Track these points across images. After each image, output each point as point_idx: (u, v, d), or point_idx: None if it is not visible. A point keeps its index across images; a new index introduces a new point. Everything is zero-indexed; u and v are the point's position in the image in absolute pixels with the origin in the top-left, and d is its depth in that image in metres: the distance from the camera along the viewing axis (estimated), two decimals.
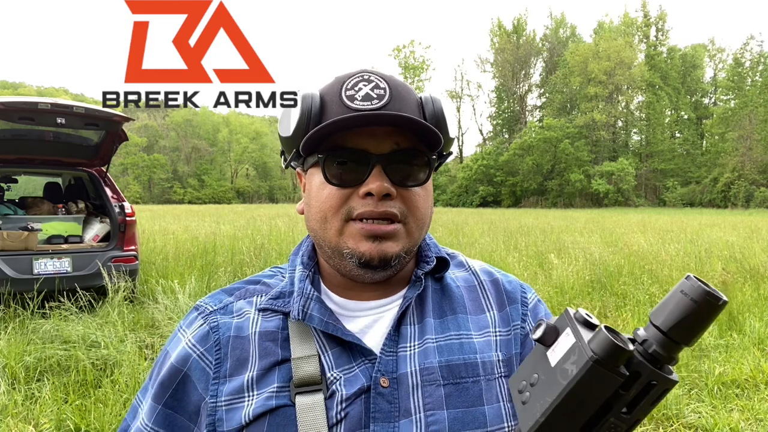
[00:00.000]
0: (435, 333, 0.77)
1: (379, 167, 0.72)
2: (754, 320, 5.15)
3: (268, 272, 0.87)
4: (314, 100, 0.75)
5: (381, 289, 0.80)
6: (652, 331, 0.50)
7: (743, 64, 57.01)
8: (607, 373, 0.48)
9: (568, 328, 0.53)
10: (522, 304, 0.85)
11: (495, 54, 70.31)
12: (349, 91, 0.73)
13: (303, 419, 0.69)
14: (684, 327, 0.48)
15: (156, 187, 72.99)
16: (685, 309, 0.48)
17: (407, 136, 0.74)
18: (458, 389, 0.73)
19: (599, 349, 0.48)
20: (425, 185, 0.77)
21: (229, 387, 0.73)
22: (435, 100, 0.78)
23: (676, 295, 0.49)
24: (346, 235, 0.73)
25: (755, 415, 3.50)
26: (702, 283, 0.48)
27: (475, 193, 60.69)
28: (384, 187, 0.71)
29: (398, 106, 0.73)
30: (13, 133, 5.96)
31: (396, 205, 0.73)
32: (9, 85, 78.33)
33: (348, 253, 0.73)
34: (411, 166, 0.74)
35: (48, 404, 3.39)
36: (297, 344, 0.74)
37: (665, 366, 0.51)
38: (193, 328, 0.79)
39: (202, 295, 5.70)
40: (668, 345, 0.49)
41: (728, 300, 0.48)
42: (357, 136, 0.72)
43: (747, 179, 46.89)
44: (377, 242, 0.72)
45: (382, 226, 0.72)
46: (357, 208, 0.72)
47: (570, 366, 0.50)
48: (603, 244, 10.62)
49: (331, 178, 0.73)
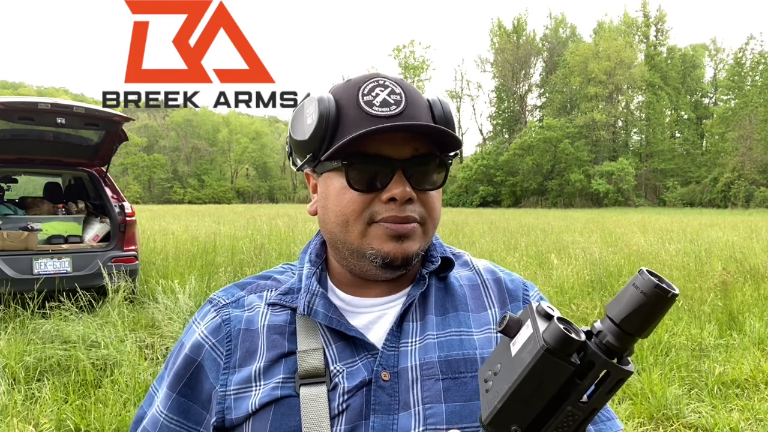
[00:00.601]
0: (436, 329, 0.79)
1: (401, 172, 0.74)
2: (754, 320, 5.16)
3: (280, 268, 0.90)
4: (331, 104, 0.75)
5: (386, 287, 0.83)
6: (607, 324, 0.52)
7: (743, 64, 57.02)
8: (558, 361, 0.51)
9: (529, 320, 0.56)
10: (524, 301, 0.86)
11: (495, 54, 70.27)
12: (366, 97, 0.75)
13: (306, 409, 0.72)
14: (636, 319, 0.50)
15: (156, 187, 72.96)
16: (636, 301, 0.50)
17: (424, 140, 0.76)
18: (457, 383, 0.75)
19: (551, 338, 0.51)
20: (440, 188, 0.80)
21: (238, 377, 0.77)
22: (443, 103, 0.80)
23: (629, 288, 0.51)
24: (370, 237, 0.76)
25: (755, 415, 3.50)
26: (654, 276, 0.50)
27: (475, 193, 60.67)
28: (407, 192, 0.74)
29: (414, 111, 0.75)
30: (13, 133, 5.96)
31: (416, 208, 0.76)
32: (9, 85, 78.33)
33: (372, 253, 0.76)
34: (429, 170, 0.77)
35: (48, 404, 3.39)
36: (303, 338, 0.77)
37: (622, 357, 0.53)
38: (206, 320, 0.83)
39: (202, 295, 5.71)
40: (621, 336, 0.51)
41: (678, 292, 0.50)
42: (377, 142, 0.74)
43: (747, 179, 46.88)
44: (400, 242, 0.75)
45: (405, 225, 0.75)
46: (380, 212, 0.75)
47: (526, 355, 0.53)
48: (603, 244, 10.62)
49: (354, 183, 0.75)
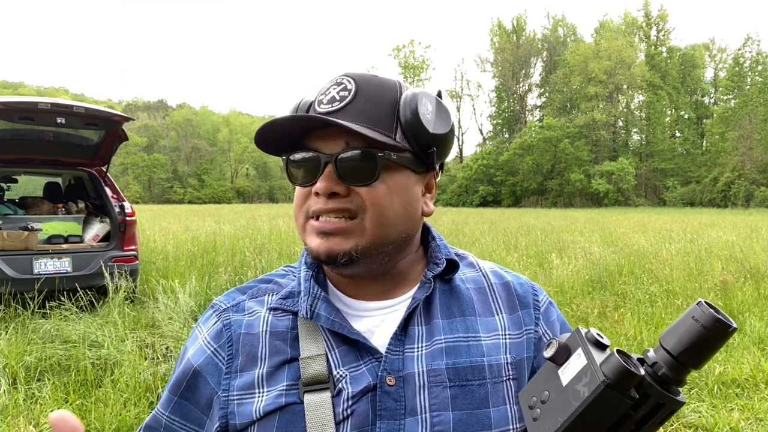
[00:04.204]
0: (443, 334, 0.78)
1: (330, 167, 0.73)
2: (754, 320, 5.16)
3: (281, 271, 0.89)
4: (301, 106, 0.80)
5: (383, 288, 0.81)
6: (662, 354, 0.51)
7: (743, 63, 56.99)
8: (619, 396, 0.50)
9: (580, 348, 0.54)
10: (534, 308, 0.85)
11: (495, 54, 70.28)
12: (320, 96, 0.77)
13: (311, 416, 0.71)
14: (694, 352, 0.50)
15: (156, 187, 72.98)
16: (695, 335, 0.49)
17: (359, 135, 0.73)
18: (464, 391, 0.74)
19: (611, 373, 0.49)
20: (386, 182, 0.75)
21: (240, 382, 0.76)
22: (411, 99, 0.76)
23: (686, 320, 0.50)
24: (306, 233, 0.77)
25: (755, 414, 3.50)
26: (713, 309, 0.49)
27: (475, 192, 60.66)
28: (328, 186, 0.73)
29: (361, 106, 0.74)
30: (13, 133, 5.96)
31: (352, 201, 0.74)
32: (9, 85, 78.41)
33: (307, 249, 0.77)
34: (359, 164, 0.74)
35: (48, 404, 3.39)
36: (306, 343, 0.77)
37: (673, 387, 0.52)
38: (208, 325, 0.83)
39: (203, 294, 5.72)
40: (677, 368, 0.51)
41: (737, 327, 0.49)
42: (315, 139, 0.75)
43: (747, 179, 46.86)
44: (325, 238, 0.74)
45: (329, 222, 0.74)
46: (312, 206, 0.76)
47: (582, 388, 0.51)
48: (603, 244, 10.61)
49: (291, 178, 0.78)
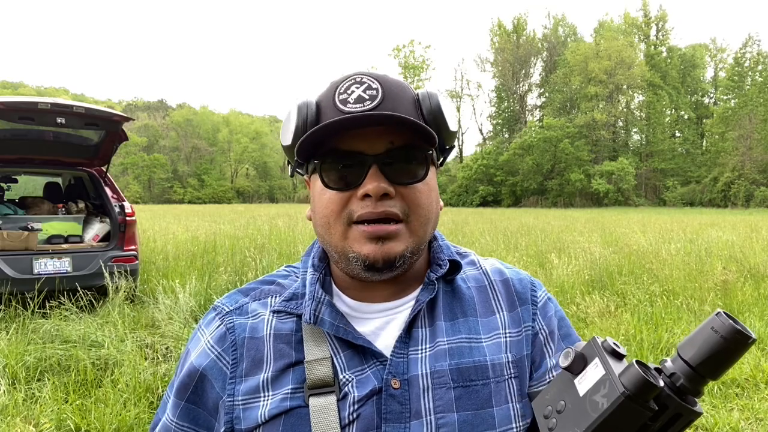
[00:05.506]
0: (446, 336, 0.77)
1: (376, 167, 0.71)
2: (754, 319, 5.16)
3: (283, 272, 0.88)
4: (309, 107, 0.75)
5: (392, 291, 0.80)
6: (680, 365, 0.51)
7: (743, 63, 56.97)
8: (638, 408, 0.49)
9: (597, 358, 0.54)
10: (532, 303, 0.84)
11: (495, 53, 70.27)
12: (342, 95, 0.73)
13: (316, 420, 0.71)
14: (712, 363, 0.49)
15: (156, 187, 72.95)
16: (714, 345, 0.49)
17: (402, 133, 0.73)
18: (468, 392, 0.74)
19: (631, 384, 0.49)
20: (427, 181, 0.75)
21: (245, 386, 0.75)
22: (431, 96, 0.77)
23: (705, 330, 0.50)
24: (350, 239, 0.73)
25: (755, 414, 3.50)
26: (732, 320, 0.49)
27: (475, 192, 60.64)
28: (381, 187, 0.70)
29: (391, 105, 0.72)
30: (13, 133, 5.96)
31: (396, 204, 0.72)
32: (9, 85, 78.40)
33: (353, 256, 0.73)
34: (408, 163, 0.73)
35: (48, 404, 3.39)
36: (310, 347, 0.75)
37: (690, 398, 0.51)
38: (211, 328, 0.81)
39: (203, 294, 5.71)
40: (696, 379, 0.50)
41: (756, 338, 0.49)
42: (351, 139, 0.72)
43: (747, 179, 46.86)
44: (380, 243, 0.72)
45: (383, 226, 0.72)
46: (357, 210, 0.72)
47: (600, 399, 0.51)
48: (603, 244, 10.60)
49: (328, 182, 0.74)
